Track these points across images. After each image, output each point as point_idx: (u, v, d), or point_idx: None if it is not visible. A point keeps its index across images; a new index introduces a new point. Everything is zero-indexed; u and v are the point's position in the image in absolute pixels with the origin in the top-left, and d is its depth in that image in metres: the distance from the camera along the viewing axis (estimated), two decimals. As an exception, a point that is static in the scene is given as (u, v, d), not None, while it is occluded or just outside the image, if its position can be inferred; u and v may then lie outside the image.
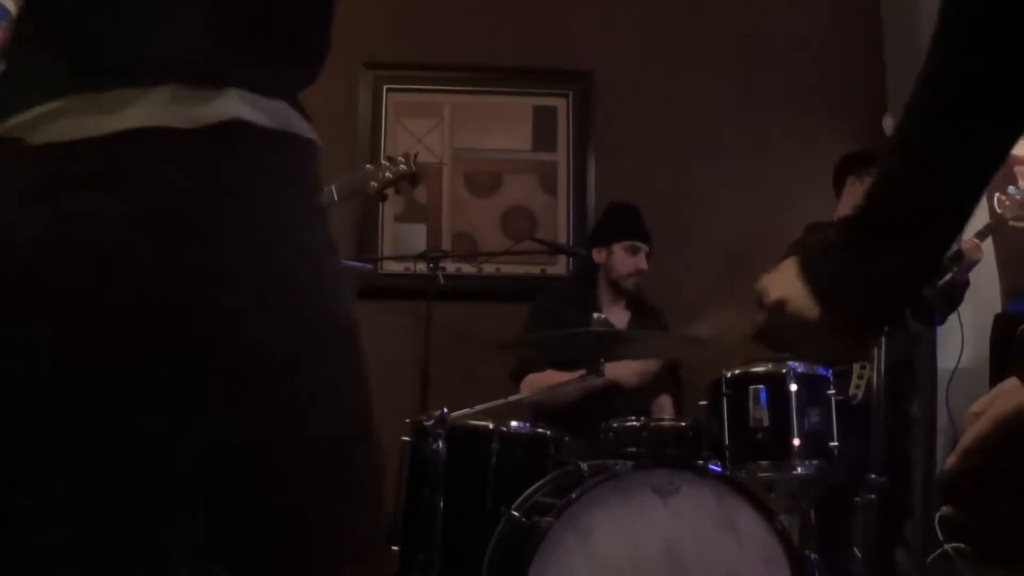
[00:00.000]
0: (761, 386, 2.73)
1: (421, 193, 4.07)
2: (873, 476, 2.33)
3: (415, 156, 2.40)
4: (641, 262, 3.51)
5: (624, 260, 3.50)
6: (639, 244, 3.53)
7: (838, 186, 3.63)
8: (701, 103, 4.25)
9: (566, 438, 2.85)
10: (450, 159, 4.15)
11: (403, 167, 2.38)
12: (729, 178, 4.19)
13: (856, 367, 3.25)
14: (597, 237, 3.62)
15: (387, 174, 2.39)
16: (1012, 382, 1.11)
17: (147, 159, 0.79)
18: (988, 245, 3.49)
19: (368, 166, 2.42)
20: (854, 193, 3.54)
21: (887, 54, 4.30)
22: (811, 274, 1.04)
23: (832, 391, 2.77)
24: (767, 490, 2.78)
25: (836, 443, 2.71)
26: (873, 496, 2.30)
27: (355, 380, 0.88)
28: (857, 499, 2.34)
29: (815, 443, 2.70)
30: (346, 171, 3.76)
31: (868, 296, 0.95)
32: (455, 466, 2.63)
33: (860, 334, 1.05)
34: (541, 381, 3.29)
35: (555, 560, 2.41)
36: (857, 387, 3.23)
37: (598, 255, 3.55)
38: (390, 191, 2.43)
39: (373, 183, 2.40)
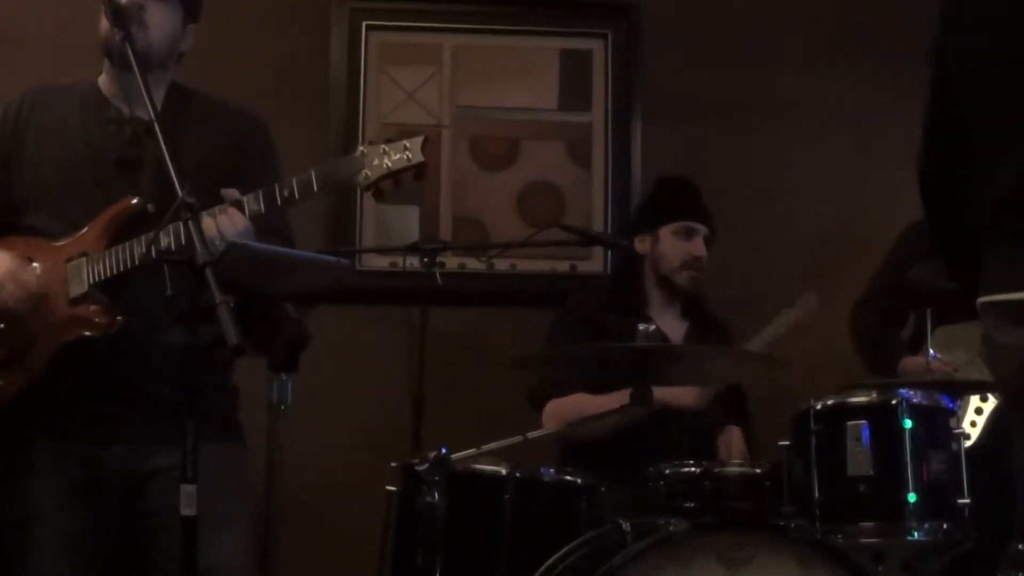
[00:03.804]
0: (863, 421, 2.70)
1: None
2: (1019, 546, 2.30)
3: (424, 140, 2.35)
4: (697, 248, 3.50)
5: (674, 247, 3.51)
6: (694, 225, 3.52)
7: None
8: (781, 50, 4.23)
9: (603, 488, 2.84)
10: (451, 120, 4.14)
11: (408, 156, 2.33)
12: (818, 149, 4.17)
13: (974, 399, 3.23)
14: (639, 221, 3.64)
15: (386, 162, 2.34)
16: None
17: None
18: None
19: (361, 148, 2.37)
20: None
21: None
22: None
23: (960, 429, 2.73)
24: (873, 561, 2.75)
25: (966, 499, 2.67)
26: (1020, 574, 2.28)
27: None
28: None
29: (937, 499, 2.66)
30: (318, 140, 3.79)
31: None
32: (457, 524, 2.62)
33: None
34: (568, 409, 3.30)
35: (589, 652, 2.40)
36: (973, 424, 3.21)
37: (641, 244, 3.56)
38: (388, 184, 2.38)
39: (366, 172, 2.35)
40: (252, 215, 2.36)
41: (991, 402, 3.27)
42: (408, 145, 2.35)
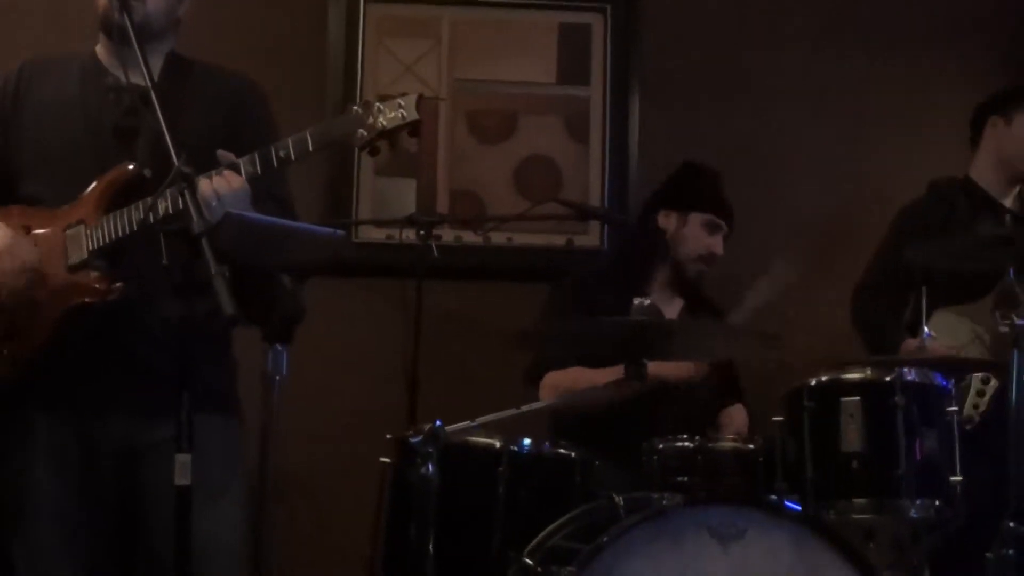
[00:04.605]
0: (857, 398, 2.70)
1: (412, 139, 4.04)
2: (1011, 524, 2.31)
3: (419, 98, 2.34)
4: (718, 245, 3.53)
5: (699, 237, 3.51)
6: (721, 222, 3.53)
7: (976, 134, 3.69)
8: (782, 29, 4.21)
9: (596, 462, 2.85)
10: (449, 94, 4.12)
11: (402, 113, 2.31)
12: (820, 128, 4.17)
13: (976, 379, 3.21)
14: (670, 197, 3.59)
15: (381, 120, 2.32)
16: None
17: None
18: None
19: (355, 108, 2.36)
20: (996, 138, 3.62)
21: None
22: None
23: (954, 408, 2.73)
24: (864, 538, 2.78)
25: (959, 477, 2.67)
26: (1010, 551, 2.28)
27: None
28: (988, 554, 2.33)
29: (930, 476, 2.67)
30: (316, 112, 3.78)
31: None
32: (450, 497, 2.62)
33: None
34: (566, 382, 3.30)
35: (580, 625, 2.40)
36: (975, 406, 3.21)
37: (666, 219, 3.53)
38: (383, 144, 2.36)
39: (361, 131, 2.33)
40: (248, 177, 2.35)
41: (993, 383, 3.27)
42: (403, 103, 2.33)
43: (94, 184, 2.45)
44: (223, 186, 2.31)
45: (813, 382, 2.75)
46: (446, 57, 4.12)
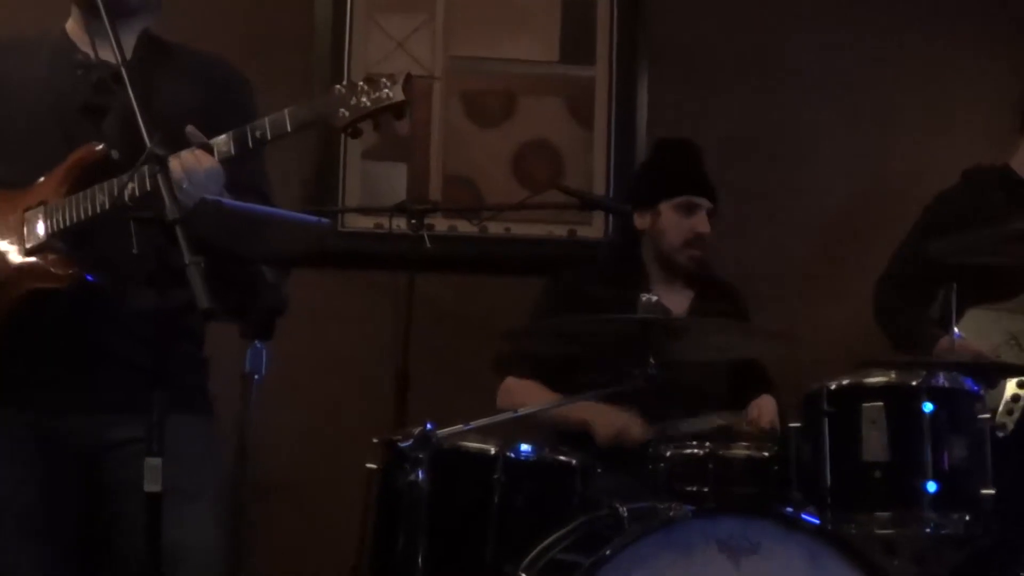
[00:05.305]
0: (880, 404, 2.71)
1: (402, 121, 4.02)
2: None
3: (406, 78, 2.33)
4: (701, 223, 3.47)
5: (677, 223, 3.47)
6: (696, 199, 3.48)
7: (1022, 120, 3.67)
8: (801, 4, 4.20)
9: (599, 469, 2.85)
10: (443, 72, 4.10)
11: (387, 93, 2.30)
12: (841, 112, 4.16)
13: (1011, 384, 3.20)
14: (637, 195, 3.60)
15: (364, 100, 2.31)
16: None
17: None
18: None
19: (338, 87, 2.36)
20: None
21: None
22: None
23: (986, 415, 2.73)
24: (887, 553, 2.78)
25: (990, 490, 2.67)
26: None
27: None
28: (1022, 573, 2.32)
29: (958, 488, 2.68)
30: (300, 91, 3.75)
31: None
32: (442, 505, 2.64)
33: None
34: (516, 394, 3.33)
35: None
36: (1009, 411, 3.20)
37: (640, 220, 3.52)
38: (366, 125, 2.36)
39: (343, 111, 2.33)
40: (223, 159, 2.32)
41: None
42: (387, 83, 2.32)
43: (59, 165, 2.42)
44: (192, 164, 2.27)
45: (833, 386, 2.75)
46: (440, 33, 4.10)
